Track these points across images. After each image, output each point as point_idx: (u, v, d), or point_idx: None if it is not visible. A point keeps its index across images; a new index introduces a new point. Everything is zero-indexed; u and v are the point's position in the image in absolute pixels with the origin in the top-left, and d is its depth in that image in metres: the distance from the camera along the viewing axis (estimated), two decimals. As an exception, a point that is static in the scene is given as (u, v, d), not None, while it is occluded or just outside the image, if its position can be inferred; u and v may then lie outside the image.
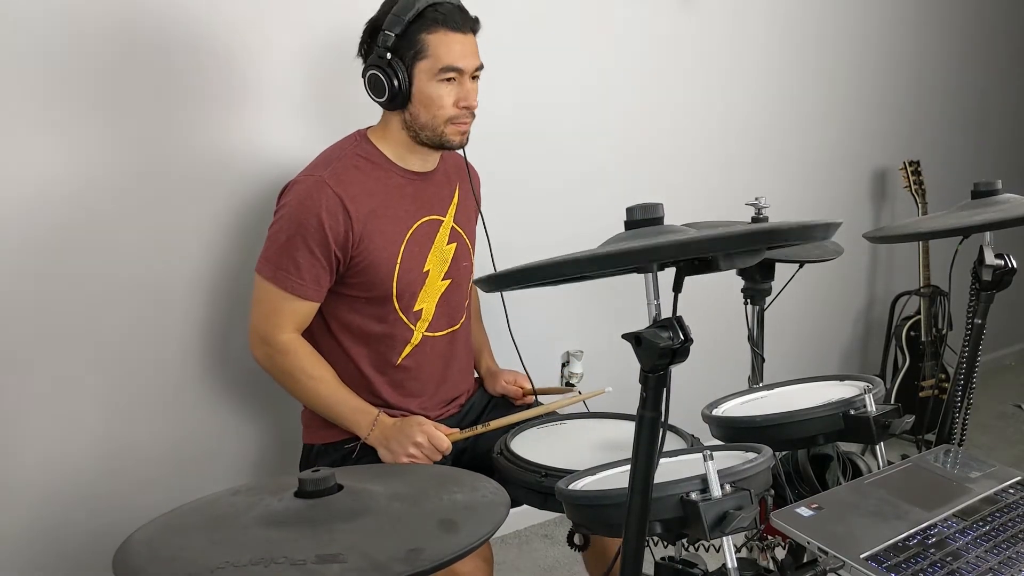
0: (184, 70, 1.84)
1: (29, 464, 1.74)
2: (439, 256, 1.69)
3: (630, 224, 0.91)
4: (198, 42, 1.85)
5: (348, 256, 1.58)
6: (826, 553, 1.08)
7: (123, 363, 1.83)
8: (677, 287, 0.88)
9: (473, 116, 1.64)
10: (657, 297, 0.89)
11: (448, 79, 1.57)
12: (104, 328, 1.80)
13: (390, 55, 1.55)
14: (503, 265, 1.96)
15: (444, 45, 1.55)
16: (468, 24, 1.58)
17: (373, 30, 1.60)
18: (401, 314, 1.65)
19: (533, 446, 1.49)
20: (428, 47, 1.55)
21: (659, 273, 0.89)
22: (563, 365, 2.44)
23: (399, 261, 1.62)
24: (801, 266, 2.02)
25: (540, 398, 1.81)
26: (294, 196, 1.58)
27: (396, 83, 1.56)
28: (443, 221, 1.71)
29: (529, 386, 1.80)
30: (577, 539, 1.35)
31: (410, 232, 1.64)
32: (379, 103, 1.62)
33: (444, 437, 1.54)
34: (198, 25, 1.85)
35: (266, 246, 1.60)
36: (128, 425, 1.85)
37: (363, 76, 1.61)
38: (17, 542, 1.74)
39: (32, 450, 1.75)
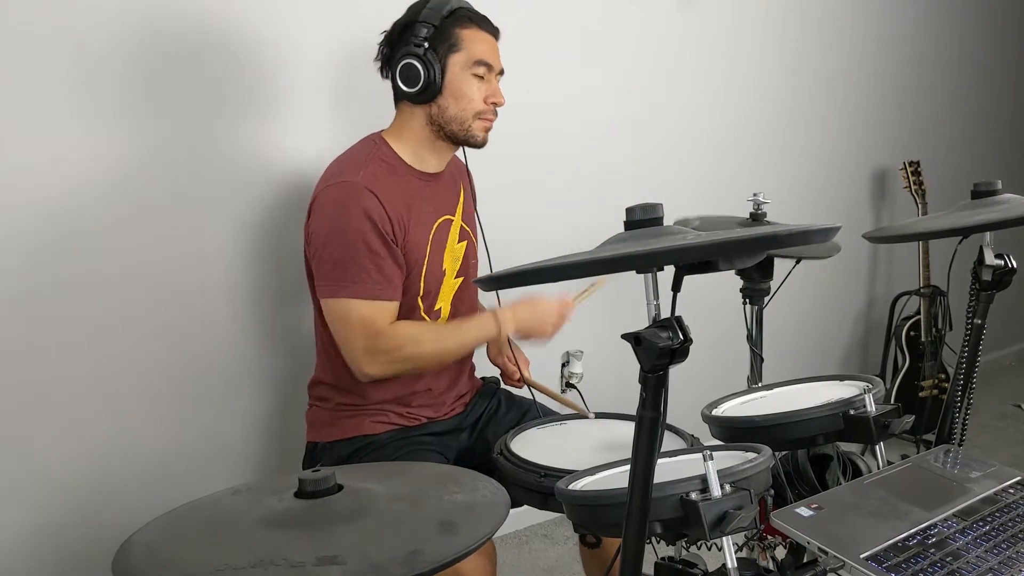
0: (209, 75, 1.85)
1: (30, 464, 1.75)
2: (452, 255, 1.71)
3: (630, 224, 0.91)
4: (226, 47, 1.87)
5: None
6: (826, 553, 1.08)
7: (127, 362, 1.83)
8: (676, 287, 0.88)
9: (496, 115, 1.67)
10: (656, 297, 0.89)
11: (479, 75, 1.61)
12: (109, 327, 1.80)
13: (427, 44, 1.58)
14: (499, 263, 1.98)
15: (477, 41, 1.61)
16: (494, 29, 1.67)
17: (404, 27, 1.61)
18: (424, 314, 1.66)
19: (533, 446, 1.49)
20: (463, 40, 1.60)
21: (659, 273, 0.89)
22: (563, 365, 2.44)
23: (426, 262, 1.63)
24: (798, 262, 2.03)
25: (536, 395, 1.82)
26: (333, 206, 1.56)
27: (431, 73, 1.58)
28: (453, 220, 1.73)
29: (528, 374, 1.82)
30: (590, 537, 1.35)
31: (432, 233, 1.66)
32: (409, 94, 1.61)
33: (569, 304, 1.70)
34: (224, 30, 1.86)
35: (324, 269, 1.57)
36: (130, 424, 1.85)
37: (393, 67, 1.61)
38: (18, 542, 1.74)
39: (33, 450, 1.75)
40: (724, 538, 1.06)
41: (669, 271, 0.88)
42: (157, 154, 1.82)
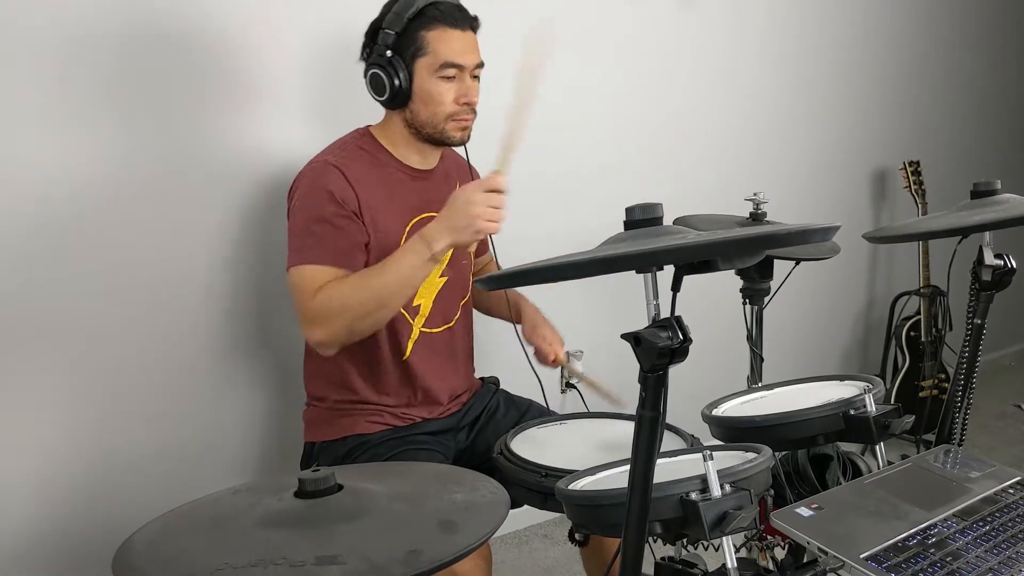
0: (194, 70, 1.85)
1: (29, 464, 1.74)
2: None
3: (630, 224, 0.91)
4: (209, 43, 1.86)
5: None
6: (826, 553, 1.08)
7: (124, 362, 1.83)
8: (676, 287, 0.88)
9: (475, 113, 1.65)
10: (656, 297, 0.89)
11: (448, 76, 1.58)
12: (105, 326, 1.80)
13: (390, 53, 1.57)
14: (504, 262, 1.97)
15: (444, 42, 1.57)
16: (467, 22, 1.61)
17: (374, 31, 1.62)
18: (403, 310, 1.65)
19: (533, 446, 1.49)
20: (428, 44, 1.57)
21: (659, 273, 0.89)
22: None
23: None
24: (797, 263, 2.03)
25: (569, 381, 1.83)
26: (302, 184, 1.60)
27: (397, 81, 1.57)
28: None
29: (563, 356, 1.78)
30: (578, 535, 1.35)
31: (409, 227, 1.65)
32: (380, 102, 1.63)
33: (494, 179, 1.49)
34: (209, 26, 1.86)
35: (289, 244, 1.58)
36: (129, 424, 1.85)
37: (364, 76, 1.63)
38: (17, 542, 1.74)
39: (32, 450, 1.75)
40: (724, 538, 1.06)
41: (669, 271, 0.88)
42: (147, 152, 1.82)
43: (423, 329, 1.70)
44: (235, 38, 1.90)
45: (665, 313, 0.88)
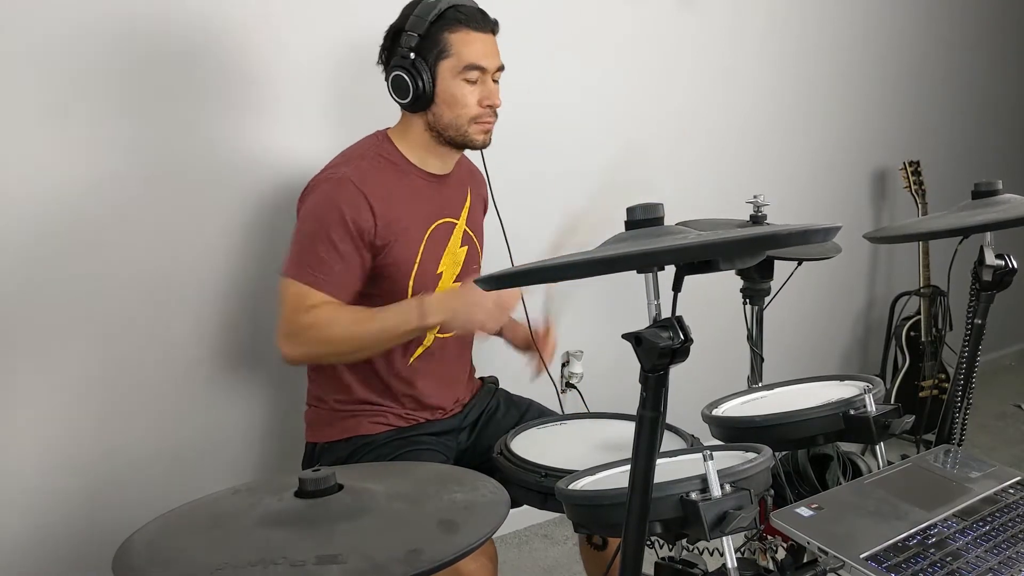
0: (201, 72, 1.85)
1: (29, 464, 1.75)
2: (452, 258, 1.70)
3: (630, 224, 0.91)
4: (215, 45, 1.86)
5: (373, 252, 1.58)
6: (826, 553, 1.08)
7: (124, 362, 1.83)
8: (677, 287, 0.88)
9: (496, 116, 1.64)
10: (657, 297, 0.89)
11: (471, 79, 1.58)
12: (106, 326, 1.80)
13: (413, 55, 1.56)
14: (499, 263, 1.97)
15: (467, 44, 1.57)
16: (488, 25, 1.61)
17: (395, 34, 1.61)
18: None
19: (533, 446, 1.49)
20: (451, 46, 1.57)
21: (659, 273, 0.89)
22: (563, 365, 2.44)
23: (417, 262, 1.63)
24: (799, 264, 2.03)
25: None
26: (317, 194, 1.57)
27: (420, 84, 1.57)
28: (457, 224, 1.72)
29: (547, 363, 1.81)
30: (596, 538, 1.35)
31: (428, 233, 1.65)
32: (403, 105, 1.62)
33: (512, 293, 1.55)
34: (216, 28, 1.86)
35: (290, 249, 1.58)
36: (129, 424, 1.85)
37: (386, 79, 1.62)
38: (17, 542, 1.74)
39: (33, 450, 1.75)
40: (724, 538, 1.06)
41: (670, 271, 0.88)
42: (148, 153, 1.82)
43: (437, 335, 1.69)
44: (242, 40, 1.90)
45: (666, 313, 0.88)
